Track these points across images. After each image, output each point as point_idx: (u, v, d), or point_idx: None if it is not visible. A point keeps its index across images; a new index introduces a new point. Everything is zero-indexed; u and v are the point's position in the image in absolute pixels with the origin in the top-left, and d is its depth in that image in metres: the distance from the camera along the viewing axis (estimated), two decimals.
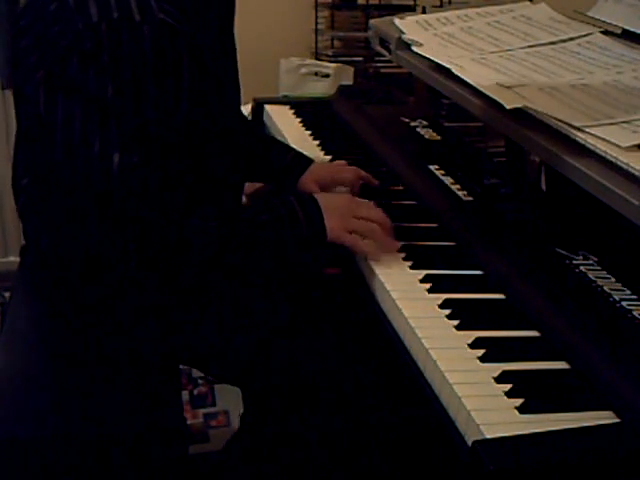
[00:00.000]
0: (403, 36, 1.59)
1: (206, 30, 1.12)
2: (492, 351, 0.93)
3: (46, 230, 1.14)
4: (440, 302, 1.04)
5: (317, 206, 1.15)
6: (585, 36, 1.46)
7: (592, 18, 1.49)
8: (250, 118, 1.92)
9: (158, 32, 1.00)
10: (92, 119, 1.00)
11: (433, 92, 1.64)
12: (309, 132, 1.72)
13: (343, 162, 1.49)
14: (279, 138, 1.72)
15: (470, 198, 1.31)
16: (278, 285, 1.28)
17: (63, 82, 1.00)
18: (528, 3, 1.67)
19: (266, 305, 1.23)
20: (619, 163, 1.01)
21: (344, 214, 1.15)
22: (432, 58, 1.44)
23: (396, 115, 1.74)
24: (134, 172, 1.02)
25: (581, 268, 1.06)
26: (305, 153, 1.53)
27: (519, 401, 0.84)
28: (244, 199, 1.82)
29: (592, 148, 1.06)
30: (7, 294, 2.09)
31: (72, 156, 1.02)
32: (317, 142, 1.66)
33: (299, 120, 1.80)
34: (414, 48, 1.52)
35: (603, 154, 1.04)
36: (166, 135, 1.05)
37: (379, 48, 1.73)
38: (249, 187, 1.89)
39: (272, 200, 1.16)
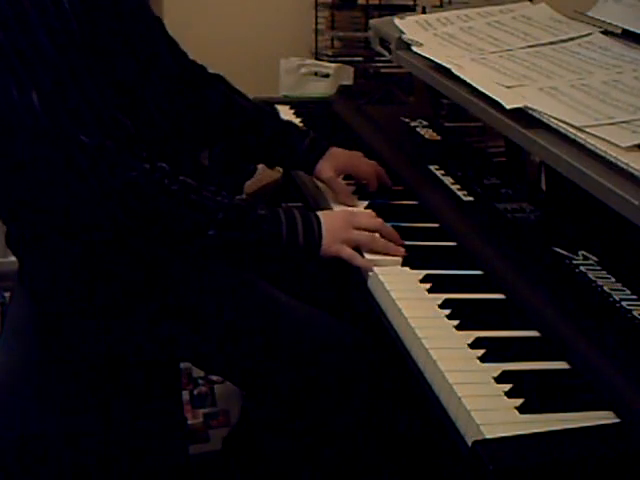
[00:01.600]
0: (403, 36, 1.59)
1: None
2: (492, 351, 0.93)
3: (18, 205, 1.16)
4: (440, 302, 1.04)
5: (317, 218, 1.16)
6: (585, 36, 1.45)
7: (592, 18, 1.49)
8: None
9: None
10: (1, 69, 1.03)
11: (433, 92, 1.64)
12: None
13: (360, 153, 1.47)
14: None
15: (470, 198, 1.31)
16: (277, 284, 1.28)
17: None
18: (528, 3, 1.67)
19: (266, 304, 1.23)
20: (619, 163, 1.01)
21: (341, 227, 1.16)
22: (432, 58, 1.43)
23: (396, 115, 1.75)
24: (52, 99, 1.04)
25: (581, 268, 1.06)
26: None
27: (519, 401, 0.84)
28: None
29: (592, 148, 1.06)
30: (7, 294, 2.09)
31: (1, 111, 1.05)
32: None
33: (299, 120, 1.80)
34: (414, 48, 1.52)
35: (603, 154, 1.04)
36: (70, 60, 1.06)
37: (379, 48, 1.73)
38: (249, 187, 1.89)
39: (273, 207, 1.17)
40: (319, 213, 1.18)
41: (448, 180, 1.38)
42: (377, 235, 1.17)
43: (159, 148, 1.16)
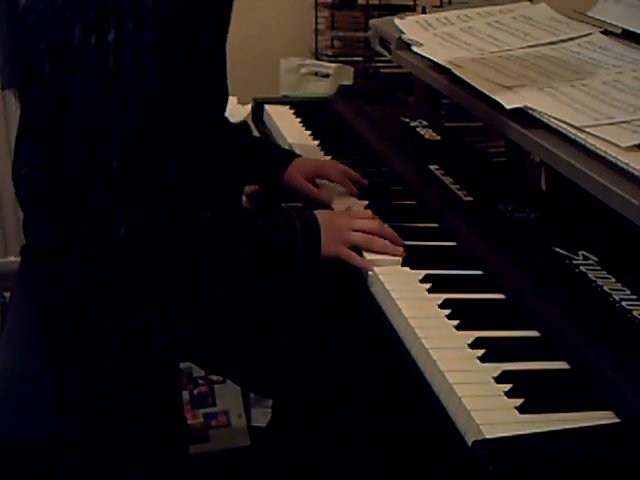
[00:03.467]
0: (403, 36, 1.59)
1: (204, 15, 1.13)
2: (492, 351, 0.93)
3: (47, 216, 1.15)
4: (440, 302, 1.04)
5: (315, 221, 1.16)
6: (585, 36, 1.46)
7: (592, 18, 1.49)
8: (250, 118, 1.92)
9: (161, 4, 1.01)
10: (92, 89, 1.01)
11: (433, 92, 1.64)
12: (309, 132, 1.72)
13: (329, 159, 1.52)
14: (279, 138, 1.72)
15: (470, 198, 1.31)
16: (276, 285, 1.28)
17: (66, 52, 1.01)
18: (528, 3, 1.67)
19: (265, 304, 1.23)
20: (619, 163, 1.01)
21: (340, 228, 1.17)
22: (432, 58, 1.44)
23: (396, 115, 1.74)
24: (133, 131, 1.03)
25: (581, 268, 1.06)
26: (306, 153, 1.54)
27: (519, 401, 0.84)
28: (244, 199, 1.82)
29: (592, 148, 1.06)
30: (7, 294, 2.09)
31: (78, 129, 1.03)
32: (317, 142, 1.66)
33: (299, 120, 1.80)
34: (414, 48, 1.53)
35: (603, 154, 1.04)
36: (164, 106, 1.06)
37: (379, 48, 1.73)
38: (248, 187, 1.89)
39: (272, 210, 1.17)
40: (317, 213, 1.18)
41: (448, 180, 1.38)
42: (375, 237, 1.17)
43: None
